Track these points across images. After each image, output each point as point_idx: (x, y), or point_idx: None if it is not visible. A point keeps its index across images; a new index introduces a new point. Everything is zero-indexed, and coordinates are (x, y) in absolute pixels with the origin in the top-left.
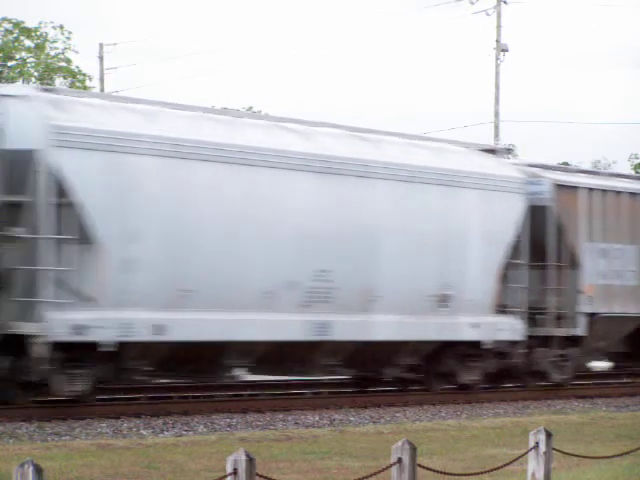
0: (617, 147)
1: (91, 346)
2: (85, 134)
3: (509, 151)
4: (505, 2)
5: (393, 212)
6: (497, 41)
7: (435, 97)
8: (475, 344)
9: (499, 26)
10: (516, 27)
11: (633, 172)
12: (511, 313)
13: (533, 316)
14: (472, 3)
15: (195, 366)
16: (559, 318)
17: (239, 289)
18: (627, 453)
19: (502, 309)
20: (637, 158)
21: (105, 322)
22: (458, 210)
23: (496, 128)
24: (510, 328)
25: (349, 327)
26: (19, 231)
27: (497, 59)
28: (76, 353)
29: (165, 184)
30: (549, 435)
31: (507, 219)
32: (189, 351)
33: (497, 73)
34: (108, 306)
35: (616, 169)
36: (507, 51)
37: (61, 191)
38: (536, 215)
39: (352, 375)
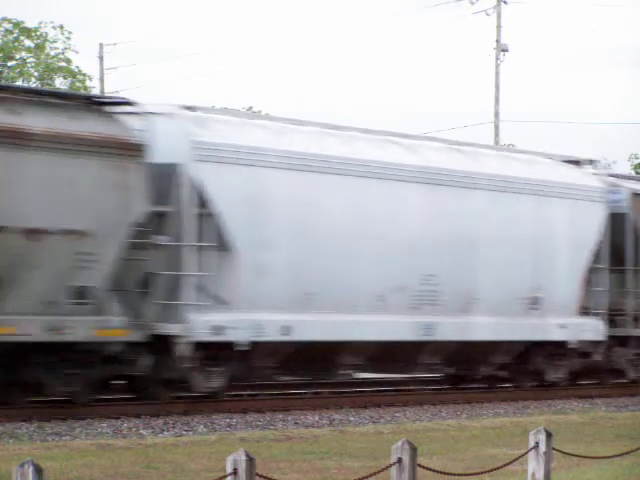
0: (617, 147)
1: (227, 345)
2: (223, 149)
3: (591, 162)
4: (505, 2)
5: (490, 220)
6: (497, 41)
7: (435, 97)
8: (561, 344)
9: (499, 26)
10: (516, 27)
11: (633, 172)
12: (593, 315)
13: (612, 317)
14: (472, 3)
15: (314, 364)
16: (636, 319)
17: (355, 292)
18: (627, 453)
19: (585, 311)
20: (637, 158)
21: (239, 323)
22: (548, 218)
23: (496, 128)
24: (593, 329)
25: (451, 328)
26: (163, 239)
27: (497, 59)
28: (213, 352)
29: (292, 195)
30: (549, 435)
31: (590, 226)
32: (310, 350)
33: (497, 73)
34: (242, 308)
35: (616, 169)
36: (507, 51)
37: (202, 202)
38: (615, 222)
39: (448, 373)
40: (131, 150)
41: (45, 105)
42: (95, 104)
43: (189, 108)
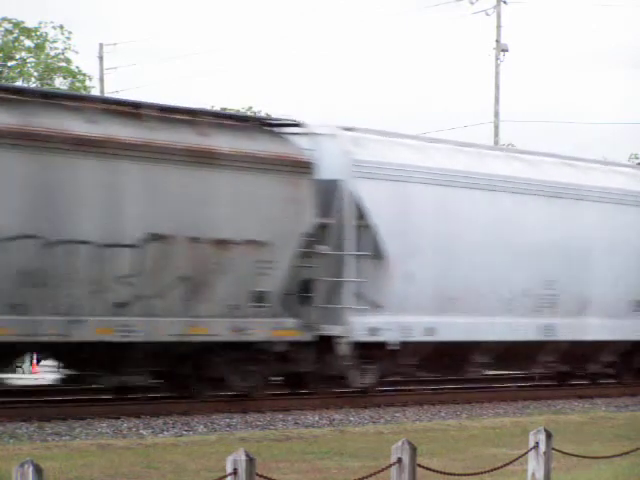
0: (617, 147)
1: (380, 345)
2: (376, 166)
3: None
4: (505, 2)
5: (602, 229)
6: (497, 41)
7: (435, 97)
8: None
9: (499, 26)
10: (516, 27)
11: None
12: None
13: None
14: (472, 3)
15: (450, 363)
16: None
17: (487, 297)
18: (627, 453)
19: None
20: (637, 158)
21: (391, 325)
22: None
23: (496, 128)
24: None
25: (568, 329)
26: (324, 248)
27: (497, 59)
28: (368, 351)
29: (435, 208)
30: (549, 435)
31: None
32: (447, 350)
33: (497, 73)
34: (392, 312)
35: None
36: (507, 51)
37: (359, 215)
38: None
39: (561, 370)
40: (302, 167)
41: (225, 127)
42: (266, 125)
43: (348, 129)
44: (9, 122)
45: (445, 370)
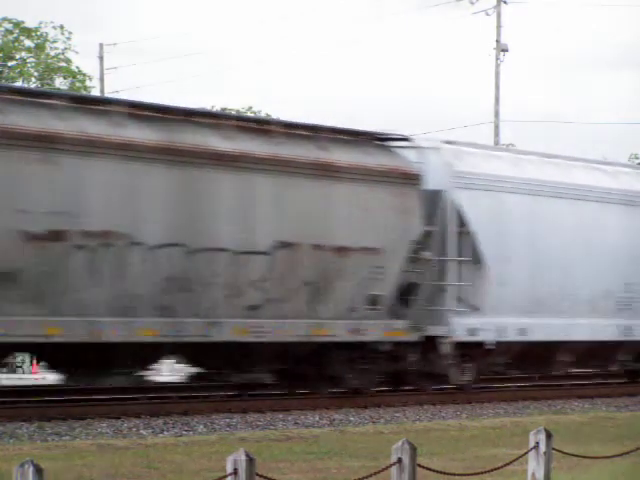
0: (617, 147)
1: (477, 345)
2: (474, 177)
3: None
4: (505, 2)
5: None
6: (497, 41)
7: (435, 97)
8: None
9: (499, 26)
10: (516, 27)
11: None
12: None
13: None
14: (472, 3)
15: (538, 361)
16: None
17: (573, 299)
18: (627, 453)
19: None
20: (637, 158)
21: (488, 326)
22: None
23: (496, 128)
24: None
25: None
26: (428, 254)
27: (497, 59)
28: (466, 350)
29: (527, 217)
30: (549, 435)
31: None
32: (535, 349)
33: (497, 73)
34: (488, 314)
35: None
36: (507, 51)
37: (460, 222)
38: None
39: (634, 368)
40: (410, 179)
41: (342, 141)
42: (377, 139)
43: (449, 142)
44: (156, 139)
45: (533, 368)
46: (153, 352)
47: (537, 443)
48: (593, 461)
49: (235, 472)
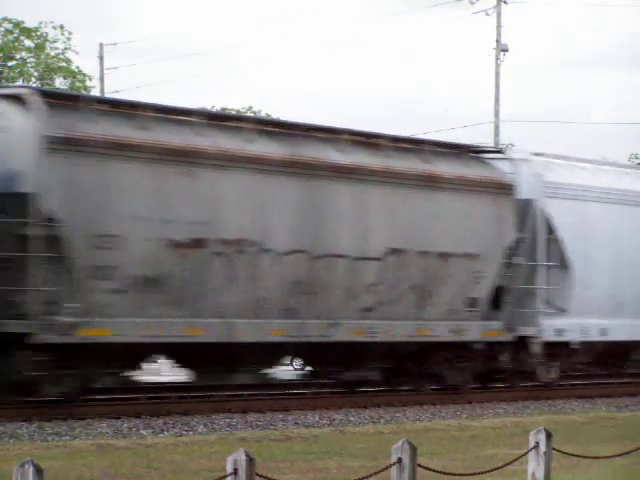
0: (617, 147)
1: (563, 345)
2: (561, 187)
3: None
4: (505, 2)
5: None
6: (497, 41)
7: (435, 97)
8: None
9: (499, 26)
10: (516, 27)
11: None
12: None
13: None
14: (472, 3)
15: (615, 359)
16: None
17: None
18: (627, 453)
19: None
20: (637, 158)
21: (573, 327)
22: None
23: (496, 128)
24: None
25: None
26: (520, 259)
27: (497, 59)
28: (553, 350)
29: (607, 224)
30: (549, 435)
31: None
32: (612, 348)
33: (497, 73)
34: (573, 315)
35: None
36: (507, 51)
37: (549, 229)
38: None
39: None
40: (505, 189)
41: (442, 154)
42: (472, 152)
43: (538, 154)
44: (282, 153)
45: (611, 366)
46: (278, 351)
47: (537, 443)
48: (593, 461)
49: (235, 472)
